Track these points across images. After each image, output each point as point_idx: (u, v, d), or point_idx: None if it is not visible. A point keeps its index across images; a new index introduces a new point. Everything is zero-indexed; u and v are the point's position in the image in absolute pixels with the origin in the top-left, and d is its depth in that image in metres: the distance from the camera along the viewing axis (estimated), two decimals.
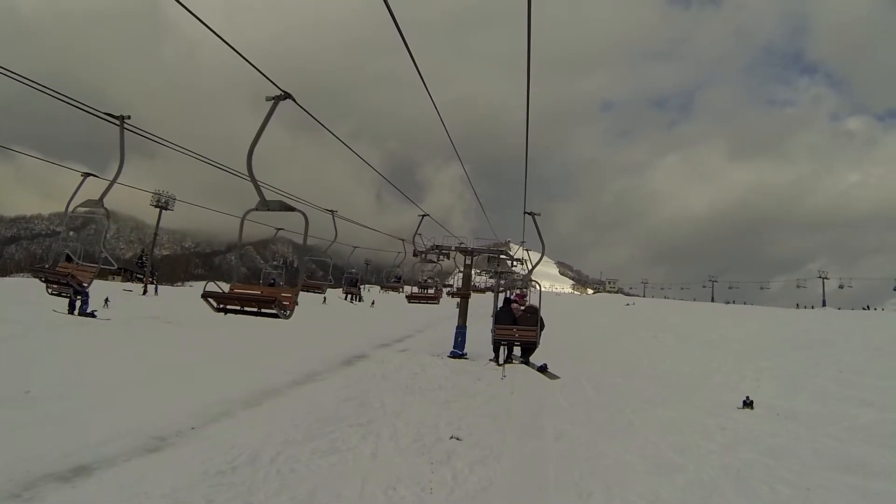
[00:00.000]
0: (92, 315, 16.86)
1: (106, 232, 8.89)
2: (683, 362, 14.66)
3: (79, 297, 15.82)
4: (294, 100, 6.08)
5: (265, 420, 7.31)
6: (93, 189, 8.58)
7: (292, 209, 6.83)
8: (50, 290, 10.87)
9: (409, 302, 18.81)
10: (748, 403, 9.32)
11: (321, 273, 18.83)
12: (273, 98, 6.03)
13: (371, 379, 10.54)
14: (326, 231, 12.75)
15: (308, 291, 19.07)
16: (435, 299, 19.14)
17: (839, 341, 16.62)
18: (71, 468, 5.22)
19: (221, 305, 7.38)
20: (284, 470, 5.57)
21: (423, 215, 15.45)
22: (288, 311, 7.31)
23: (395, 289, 24.96)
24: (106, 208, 8.03)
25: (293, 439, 6.52)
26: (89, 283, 10.62)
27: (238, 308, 7.36)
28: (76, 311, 16.71)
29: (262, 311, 7.33)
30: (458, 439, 6.99)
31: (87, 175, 9.00)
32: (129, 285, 38.53)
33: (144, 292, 32.55)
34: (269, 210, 6.66)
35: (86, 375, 9.06)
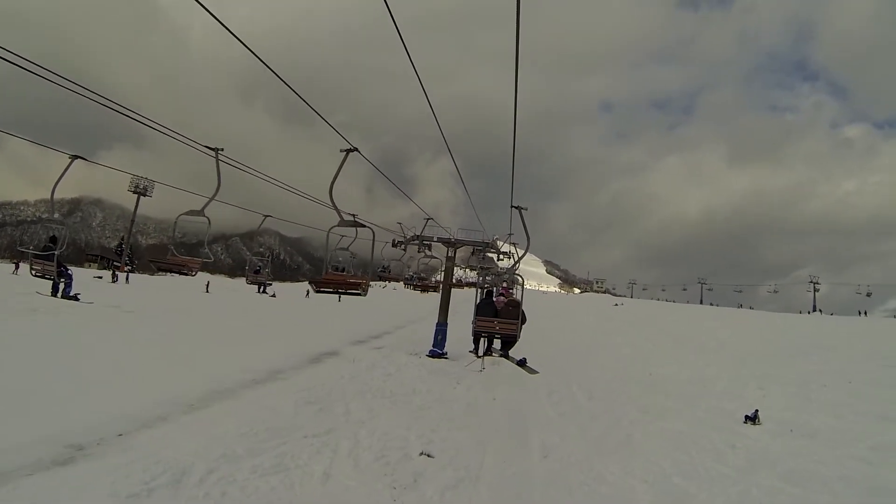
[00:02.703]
0: (75, 298, 16.23)
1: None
2: (681, 367, 13.69)
3: (62, 280, 15.47)
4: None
5: (206, 427, 6.24)
6: (80, 172, 9.04)
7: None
8: (34, 272, 11.73)
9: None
10: (753, 417, 8.32)
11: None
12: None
13: (338, 380, 9.44)
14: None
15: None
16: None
17: (841, 347, 15.79)
18: None
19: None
20: (214, 493, 4.55)
21: (428, 219, 15.11)
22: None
23: (382, 279, 24.38)
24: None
25: (233, 453, 5.46)
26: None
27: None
28: (59, 294, 16.07)
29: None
30: (429, 456, 5.97)
31: (74, 157, 8.73)
32: (101, 272, 37.01)
33: (114, 279, 31.19)
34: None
35: (12, 371, 7.87)
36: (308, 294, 38.88)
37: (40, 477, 4.55)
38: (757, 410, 8.45)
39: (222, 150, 7.75)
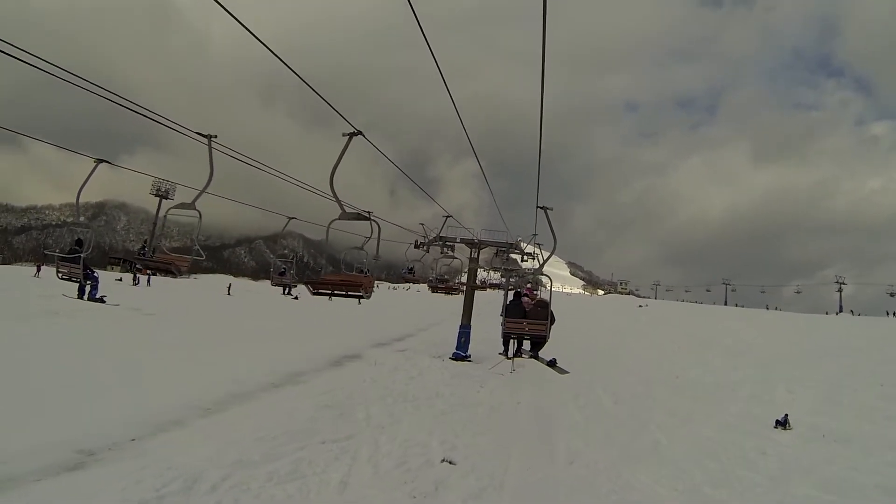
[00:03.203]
0: (101, 300, 16.32)
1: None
2: (707, 370, 13.45)
3: (88, 283, 15.41)
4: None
5: (222, 432, 6.18)
6: (104, 176, 8.67)
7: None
8: (60, 275, 11.36)
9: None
10: (783, 422, 8.10)
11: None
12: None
13: (359, 384, 9.38)
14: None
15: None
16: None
17: (870, 349, 15.38)
18: None
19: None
20: (226, 501, 4.47)
21: (448, 216, 14.86)
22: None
23: (407, 281, 24.50)
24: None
25: (248, 459, 5.37)
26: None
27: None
28: (86, 297, 16.17)
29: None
30: (451, 463, 5.87)
31: (99, 161, 8.62)
32: (122, 275, 37.42)
33: (136, 282, 31.54)
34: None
35: (30, 373, 7.92)
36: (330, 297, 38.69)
37: (49, 483, 4.49)
38: (787, 415, 8.24)
39: (216, 136, 7.44)
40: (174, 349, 11.04)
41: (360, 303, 11.16)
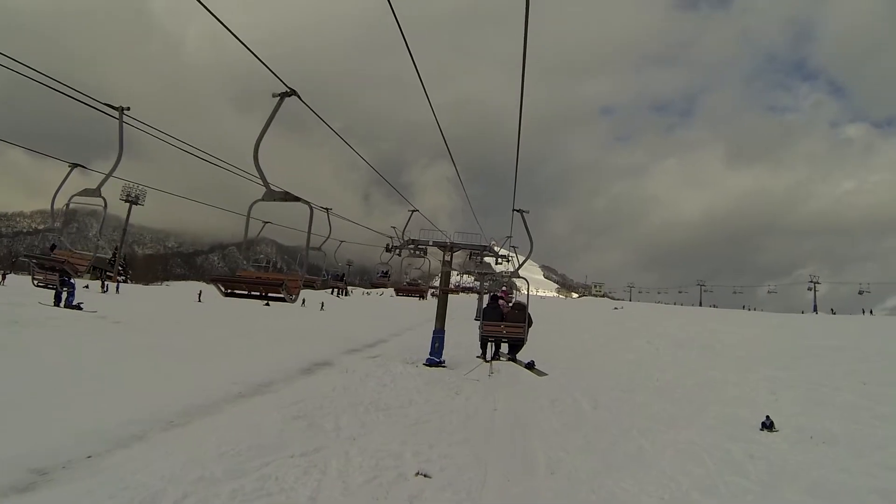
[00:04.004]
0: (78, 307, 16.10)
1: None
2: (686, 372, 13.19)
3: (65, 289, 15.52)
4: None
5: (184, 447, 5.78)
6: (83, 183, 8.00)
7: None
8: (36, 282, 10.68)
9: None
10: (769, 425, 7.84)
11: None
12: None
13: (330, 392, 8.97)
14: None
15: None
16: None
17: (849, 348, 15.31)
18: None
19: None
20: None
21: (413, 211, 14.15)
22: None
23: (382, 285, 23.84)
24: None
25: (211, 475, 5.00)
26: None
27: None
28: (62, 304, 15.97)
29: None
30: (426, 476, 5.50)
31: (74, 165, 8.22)
32: (90, 282, 36.42)
33: (104, 290, 30.60)
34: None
35: None
36: (304, 303, 38.14)
37: None
38: (768, 416, 7.99)
39: (128, 108, 6.81)
40: (139, 358, 10.64)
41: (265, 305, 9.08)
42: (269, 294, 7.55)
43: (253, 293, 7.57)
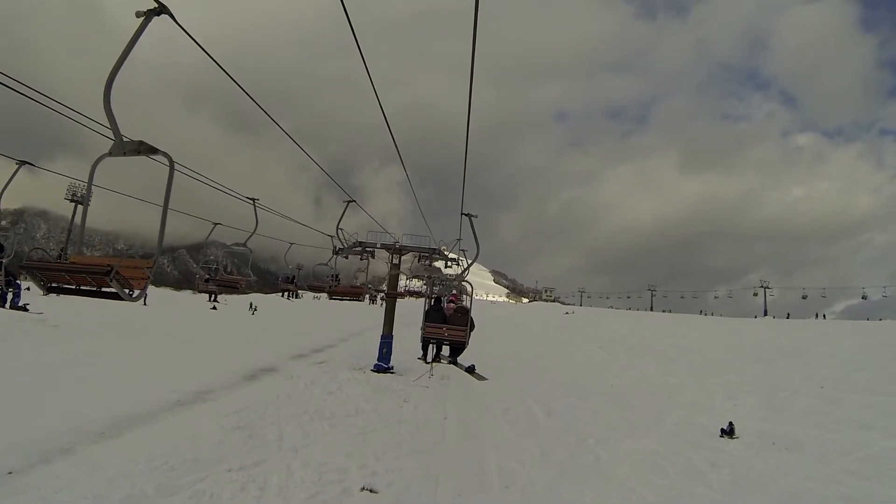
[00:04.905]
0: (24, 309, 15.25)
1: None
2: (641, 378, 12.95)
3: (10, 290, 15.02)
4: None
5: (114, 460, 5.22)
6: (24, 182, 7.92)
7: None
8: None
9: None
10: (729, 431, 7.57)
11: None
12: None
13: (273, 400, 8.30)
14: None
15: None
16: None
17: (803, 352, 15.36)
18: None
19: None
20: None
21: (349, 201, 13.30)
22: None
23: (320, 289, 22.29)
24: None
25: (141, 492, 4.54)
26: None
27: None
28: (7, 305, 15.12)
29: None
30: (371, 491, 5.01)
31: (22, 163, 7.72)
32: (30, 283, 34.56)
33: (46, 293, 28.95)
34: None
35: None
36: (215, 307, 36.85)
37: None
38: (731, 423, 7.72)
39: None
40: (75, 364, 9.79)
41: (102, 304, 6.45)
42: (103, 289, 5.05)
43: (83, 287, 5.17)
